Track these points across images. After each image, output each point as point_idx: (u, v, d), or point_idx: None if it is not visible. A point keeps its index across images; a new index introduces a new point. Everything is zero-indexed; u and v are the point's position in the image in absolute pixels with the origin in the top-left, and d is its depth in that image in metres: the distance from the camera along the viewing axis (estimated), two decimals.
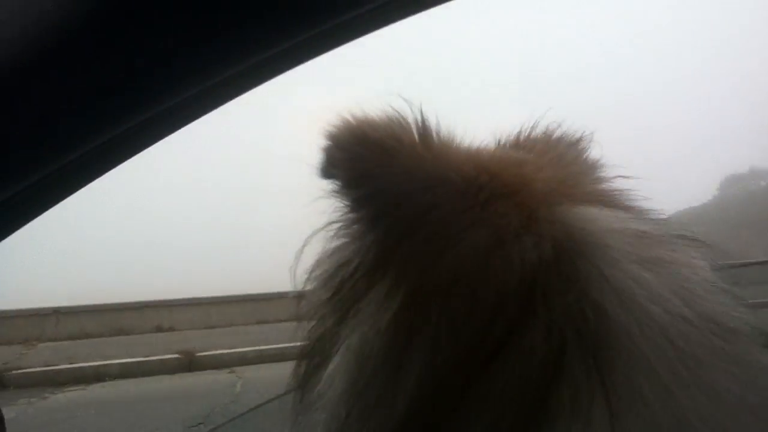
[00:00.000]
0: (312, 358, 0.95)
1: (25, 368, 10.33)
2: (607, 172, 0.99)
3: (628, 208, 0.89)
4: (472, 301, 0.77)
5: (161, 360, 10.88)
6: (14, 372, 10.08)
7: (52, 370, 10.31)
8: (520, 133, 1.05)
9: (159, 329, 13.56)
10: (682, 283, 0.76)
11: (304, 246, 1.00)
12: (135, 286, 12.85)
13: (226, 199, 13.99)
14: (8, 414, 1.14)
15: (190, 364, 10.90)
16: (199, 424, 7.14)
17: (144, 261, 13.30)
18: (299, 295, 1.11)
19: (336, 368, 0.87)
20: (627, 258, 0.76)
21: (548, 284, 0.75)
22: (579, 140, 1.03)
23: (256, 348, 11.20)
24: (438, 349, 0.77)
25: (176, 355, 11.04)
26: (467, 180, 0.85)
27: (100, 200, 13.63)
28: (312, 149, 0.95)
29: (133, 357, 10.90)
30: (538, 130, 1.04)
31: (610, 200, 0.89)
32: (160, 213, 14.06)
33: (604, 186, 0.96)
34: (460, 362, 0.76)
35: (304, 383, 0.96)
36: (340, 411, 0.83)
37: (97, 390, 9.64)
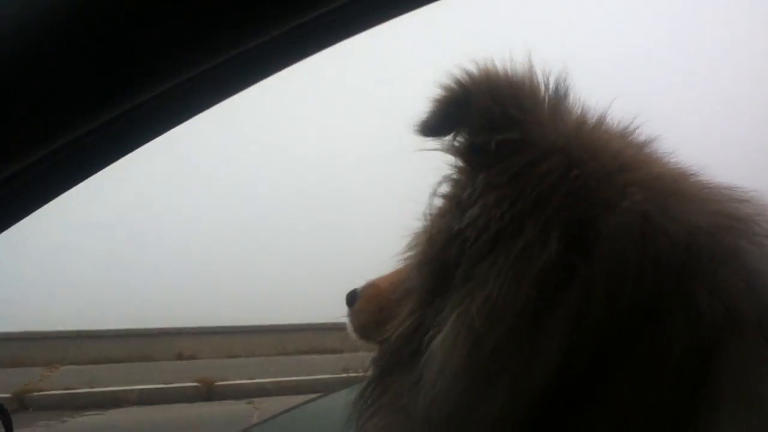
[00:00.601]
0: (404, 344, 0.91)
1: (46, 390, 10.36)
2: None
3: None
4: (628, 264, 0.74)
5: (180, 388, 10.85)
6: (35, 394, 10.10)
7: (72, 393, 10.33)
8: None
9: (179, 357, 13.56)
10: None
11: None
12: (157, 312, 12.88)
13: (249, 232, 14.06)
14: None
15: (208, 392, 10.85)
16: None
17: (167, 288, 13.36)
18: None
19: (444, 341, 0.81)
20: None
21: (710, 252, 0.74)
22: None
23: (275, 379, 11.12)
24: (587, 309, 0.74)
25: (195, 384, 11.00)
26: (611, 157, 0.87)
27: (127, 228, 13.80)
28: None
29: (152, 384, 10.89)
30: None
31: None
32: (187, 241, 14.17)
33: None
34: (612, 326, 0.73)
35: (389, 371, 0.92)
36: (452, 387, 0.78)
37: (115, 415, 9.63)
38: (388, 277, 1.24)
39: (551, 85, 0.92)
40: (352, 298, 1.26)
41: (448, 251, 0.86)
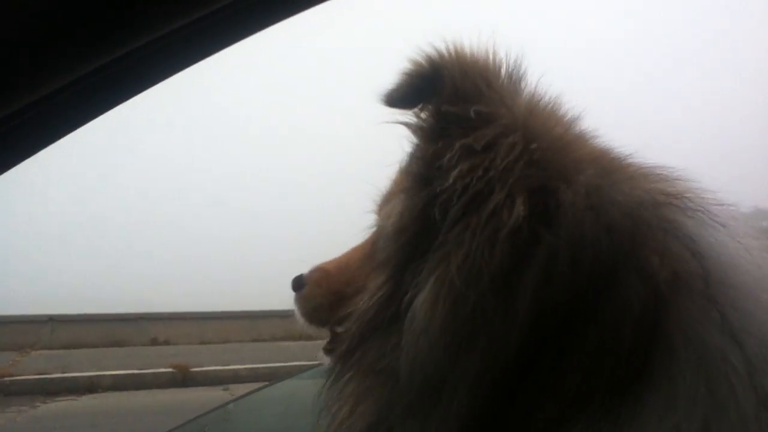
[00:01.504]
0: (380, 310, 0.96)
1: (18, 375, 10.26)
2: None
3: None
4: (586, 231, 0.83)
5: (155, 373, 10.81)
6: (6, 379, 10.01)
7: (45, 378, 10.24)
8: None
9: (154, 342, 13.48)
10: None
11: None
12: (132, 297, 12.78)
13: (226, 215, 13.97)
14: None
15: (183, 379, 10.83)
16: None
17: (141, 272, 13.25)
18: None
19: (425, 301, 0.87)
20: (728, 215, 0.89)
21: (654, 221, 0.85)
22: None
23: (250, 366, 11.13)
24: (554, 271, 0.82)
25: (170, 369, 10.97)
26: (561, 135, 0.99)
27: (99, 210, 13.64)
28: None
29: (127, 369, 10.83)
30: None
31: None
32: (161, 226, 14.03)
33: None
34: (576, 287, 0.81)
35: (365, 339, 0.98)
36: (433, 345, 0.84)
37: (89, 401, 9.57)
38: (336, 260, 1.28)
39: (510, 65, 1.01)
40: (299, 283, 1.30)
41: (428, 215, 0.93)
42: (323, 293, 1.25)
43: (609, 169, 0.94)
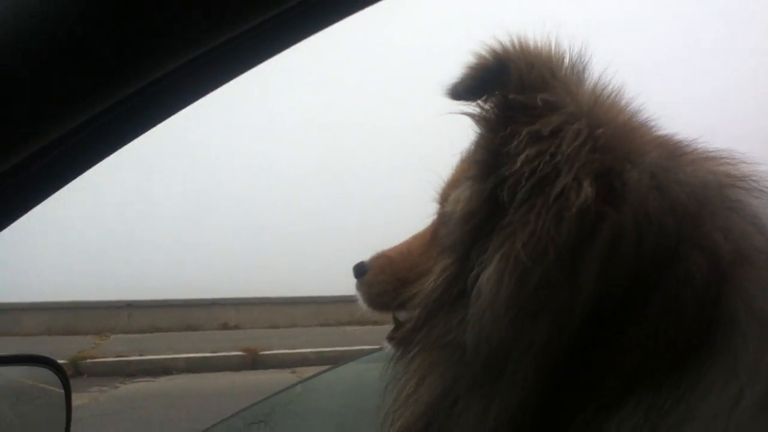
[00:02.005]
0: (447, 288, 1.00)
1: (99, 358, 10.77)
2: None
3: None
4: (651, 210, 0.87)
5: (226, 356, 11.15)
6: (88, 361, 10.51)
7: (124, 361, 10.72)
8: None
9: (225, 327, 13.88)
10: None
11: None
12: (203, 284, 13.18)
13: (295, 207, 14.21)
14: (81, 400, 1.21)
15: (253, 362, 11.12)
16: (260, 422, 7.25)
17: (214, 261, 13.66)
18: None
19: (491, 276, 0.91)
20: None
21: (717, 201, 0.88)
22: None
23: (317, 350, 11.35)
24: (619, 248, 0.86)
25: (240, 353, 11.28)
26: (626, 121, 1.03)
27: (173, 203, 14.09)
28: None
29: (199, 352, 11.20)
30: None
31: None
32: (232, 217, 14.41)
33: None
34: (640, 263, 0.85)
35: (432, 316, 1.01)
36: (498, 318, 0.88)
37: (164, 382, 9.94)
38: (398, 247, 1.31)
39: (573, 55, 1.04)
40: (361, 270, 1.33)
41: (495, 199, 0.96)
42: (386, 278, 1.28)
43: (674, 152, 0.97)
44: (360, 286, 1.33)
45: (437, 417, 0.94)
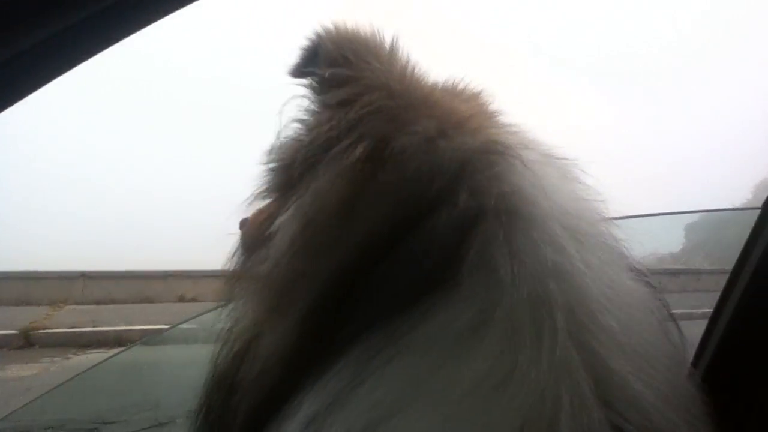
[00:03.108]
0: (263, 230, 1.16)
1: (51, 329, 10.65)
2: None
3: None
4: (410, 172, 1.02)
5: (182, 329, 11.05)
6: (40, 331, 10.39)
7: (77, 332, 10.61)
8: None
9: (181, 299, 13.80)
10: (580, 196, 1.08)
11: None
12: (159, 255, 13.07)
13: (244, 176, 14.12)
14: (31, 371, 1.27)
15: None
16: None
17: (170, 233, 13.53)
18: None
19: (285, 221, 1.09)
20: (544, 162, 1.09)
21: (476, 165, 1.02)
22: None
23: None
24: (383, 202, 1.03)
25: (194, 326, 11.19)
26: (423, 96, 1.16)
27: (130, 171, 13.87)
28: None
29: (154, 324, 11.13)
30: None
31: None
32: (189, 187, 14.26)
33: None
34: (400, 215, 1.01)
35: (252, 251, 1.21)
36: (287, 252, 1.07)
37: (118, 354, 9.86)
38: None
39: (387, 43, 1.20)
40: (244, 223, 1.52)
41: (295, 157, 1.14)
42: (255, 227, 1.44)
43: (451, 122, 1.11)
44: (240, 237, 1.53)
45: (252, 344, 1.09)
